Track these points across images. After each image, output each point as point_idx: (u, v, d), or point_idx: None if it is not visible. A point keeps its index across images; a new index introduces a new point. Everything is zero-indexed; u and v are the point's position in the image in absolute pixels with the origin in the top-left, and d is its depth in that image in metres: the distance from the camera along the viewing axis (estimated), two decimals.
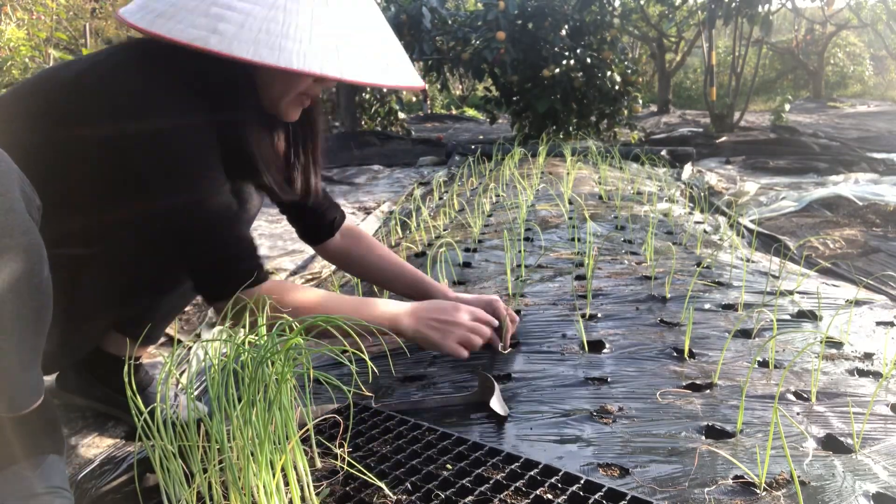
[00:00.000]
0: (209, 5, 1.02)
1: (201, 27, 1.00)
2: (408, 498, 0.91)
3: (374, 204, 4.63)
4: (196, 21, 1.01)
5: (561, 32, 6.48)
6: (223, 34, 1.00)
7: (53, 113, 1.05)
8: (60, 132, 1.04)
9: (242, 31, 1.00)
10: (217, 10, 1.01)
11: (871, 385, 1.25)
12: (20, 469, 0.91)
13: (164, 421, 0.88)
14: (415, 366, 1.43)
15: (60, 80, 1.08)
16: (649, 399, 1.20)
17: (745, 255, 2.38)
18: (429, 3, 6.81)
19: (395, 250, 2.58)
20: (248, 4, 1.02)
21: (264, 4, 1.03)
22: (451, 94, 15.52)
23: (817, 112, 12.24)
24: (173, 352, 0.94)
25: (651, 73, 15.80)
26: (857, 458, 0.99)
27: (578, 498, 0.89)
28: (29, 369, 0.88)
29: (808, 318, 1.62)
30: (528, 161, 4.96)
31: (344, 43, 1.07)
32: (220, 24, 1.00)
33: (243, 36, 1.00)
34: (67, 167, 1.05)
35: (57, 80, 1.08)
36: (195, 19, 1.01)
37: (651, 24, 11.21)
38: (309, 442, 1.03)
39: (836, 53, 17.42)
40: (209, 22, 1.00)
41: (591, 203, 3.31)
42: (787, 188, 4.89)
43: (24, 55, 4.80)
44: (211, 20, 1.00)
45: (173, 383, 1.50)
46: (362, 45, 1.10)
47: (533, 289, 1.90)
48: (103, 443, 1.35)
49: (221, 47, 0.99)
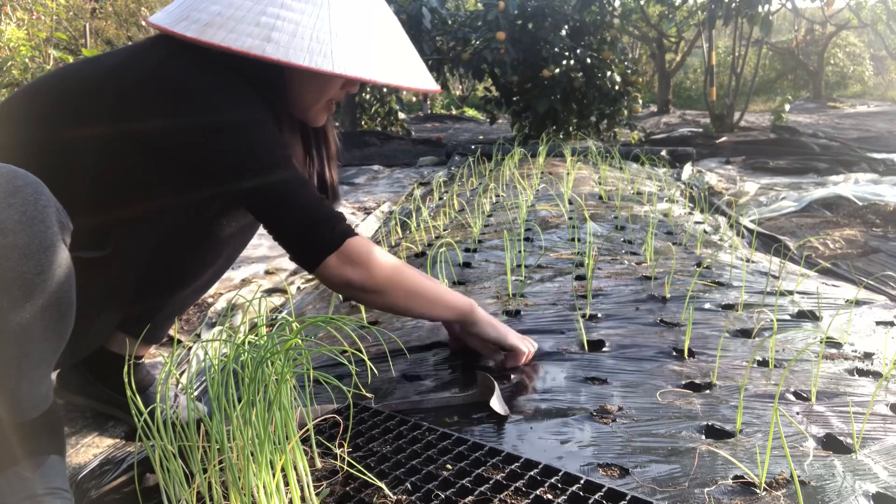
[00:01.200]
0: (258, 15, 1.05)
1: (255, 36, 1.04)
2: (408, 498, 0.91)
3: (374, 204, 4.63)
4: (248, 30, 1.04)
5: (561, 33, 6.48)
6: (278, 43, 1.04)
7: (79, 112, 1.06)
8: (90, 130, 1.05)
9: (294, 39, 1.05)
10: (266, 19, 1.05)
11: (871, 385, 1.25)
12: (21, 470, 0.91)
13: (165, 421, 0.88)
14: (414, 366, 1.43)
15: (83, 79, 1.09)
16: (649, 399, 1.20)
17: (744, 256, 2.38)
18: (429, 3, 6.80)
19: (395, 250, 2.58)
20: (296, 14, 1.06)
21: (311, 14, 1.07)
22: (451, 94, 15.53)
23: (817, 112, 12.24)
24: (173, 352, 0.94)
25: (651, 73, 15.81)
26: (857, 457, 0.99)
27: (578, 498, 0.89)
28: (42, 381, 0.93)
29: (808, 318, 1.62)
30: (528, 161, 4.96)
31: (384, 48, 1.14)
32: (273, 32, 1.05)
33: (296, 44, 1.05)
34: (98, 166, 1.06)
35: (76, 78, 1.09)
36: (246, 28, 1.04)
37: (651, 25, 11.21)
38: (309, 442, 1.03)
39: (836, 53, 17.42)
40: (261, 31, 1.05)
41: (591, 203, 3.31)
42: (787, 188, 4.89)
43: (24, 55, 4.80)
44: (263, 29, 1.05)
45: (173, 383, 1.50)
46: (397, 51, 1.17)
47: (533, 289, 1.90)
48: (103, 443, 1.35)
49: (279, 55, 1.03)
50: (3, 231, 0.83)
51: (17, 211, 0.84)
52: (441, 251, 2.30)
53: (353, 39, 1.10)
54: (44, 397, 0.94)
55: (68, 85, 1.09)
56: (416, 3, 6.75)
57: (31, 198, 0.86)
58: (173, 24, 1.08)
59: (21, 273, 0.84)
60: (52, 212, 0.88)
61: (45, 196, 0.88)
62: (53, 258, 0.87)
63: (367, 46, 1.11)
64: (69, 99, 1.07)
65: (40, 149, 1.06)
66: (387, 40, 1.16)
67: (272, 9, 1.06)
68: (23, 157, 1.04)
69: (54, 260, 0.87)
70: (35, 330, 0.87)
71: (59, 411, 1.00)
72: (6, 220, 0.83)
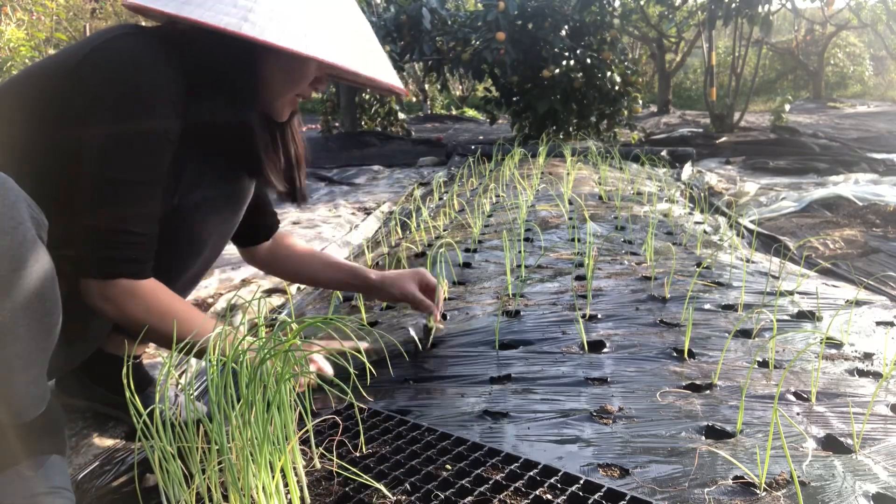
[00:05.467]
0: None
1: (233, 15, 1.05)
2: (407, 498, 0.91)
3: (374, 204, 4.63)
4: (225, 9, 1.05)
5: (561, 33, 6.48)
6: (254, 23, 1.05)
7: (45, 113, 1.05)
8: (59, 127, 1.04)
9: (271, 22, 1.06)
10: (244, 1, 1.06)
11: (871, 385, 1.25)
12: (22, 469, 0.91)
13: (164, 422, 0.88)
14: (413, 368, 1.43)
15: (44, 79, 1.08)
16: (649, 399, 1.20)
17: (744, 256, 2.38)
18: (429, 3, 6.80)
19: (395, 250, 2.58)
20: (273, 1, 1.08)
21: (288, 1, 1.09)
22: (451, 94, 15.52)
23: (817, 112, 12.24)
24: (172, 352, 0.94)
25: (651, 73, 15.81)
26: (857, 458, 0.99)
27: (578, 498, 0.89)
28: (36, 382, 0.92)
29: (808, 318, 1.62)
30: (528, 161, 4.96)
31: (357, 42, 1.16)
32: (250, 14, 1.06)
33: (272, 26, 1.05)
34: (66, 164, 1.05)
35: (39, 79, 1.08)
36: (224, 7, 1.06)
37: (651, 25, 11.21)
38: (308, 443, 1.03)
39: (836, 54, 17.42)
40: (239, 11, 1.06)
41: (590, 203, 3.31)
42: (787, 188, 4.89)
43: (24, 55, 4.81)
44: (240, 10, 1.06)
45: (173, 384, 1.50)
46: (369, 46, 1.19)
47: (533, 289, 1.90)
48: (103, 443, 1.35)
49: (254, 33, 1.03)
50: None
51: None
52: (441, 251, 2.30)
53: (329, 28, 1.12)
54: (41, 398, 0.94)
55: (33, 86, 1.08)
56: (416, 4, 6.75)
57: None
58: (152, 1, 1.08)
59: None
60: (24, 207, 0.86)
61: (13, 191, 0.85)
62: (29, 254, 0.85)
63: (341, 36, 1.13)
64: (36, 101, 1.06)
65: (18, 153, 1.05)
66: (360, 34, 1.19)
67: None
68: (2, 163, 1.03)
69: (30, 255, 0.85)
70: (19, 328, 0.85)
71: (59, 412, 0.99)
72: None
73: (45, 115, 1.05)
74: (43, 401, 0.94)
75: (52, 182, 1.05)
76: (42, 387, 0.94)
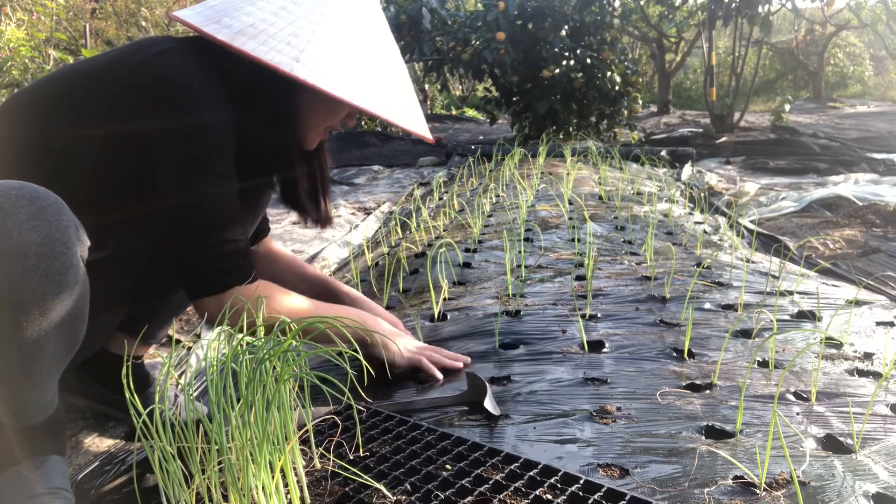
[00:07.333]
0: (289, 35, 1.09)
1: (285, 54, 1.07)
2: (407, 498, 0.91)
3: (374, 204, 4.63)
4: (278, 46, 1.07)
5: (561, 33, 6.49)
6: (305, 64, 1.07)
7: (75, 112, 1.06)
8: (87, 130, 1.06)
9: (322, 66, 1.08)
10: (297, 41, 1.08)
11: (871, 385, 1.25)
12: (22, 470, 0.92)
13: (164, 422, 0.88)
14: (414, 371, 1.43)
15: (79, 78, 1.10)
16: (649, 399, 1.20)
17: (744, 256, 2.38)
18: (429, 3, 6.80)
19: (395, 250, 2.58)
20: (323, 46, 1.10)
21: (336, 44, 1.12)
22: (451, 94, 15.52)
23: (817, 112, 12.24)
24: (172, 352, 0.94)
25: (651, 73, 15.81)
26: (857, 458, 0.99)
27: (578, 498, 0.89)
28: (49, 389, 0.94)
29: (808, 318, 1.62)
30: (528, 161, 4.96)
31: (398, 90, 1.20)
32: (303, 55, 1.08)
33: (323, 71, 1.08)
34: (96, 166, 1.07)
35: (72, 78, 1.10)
36: (277, 45, 1.07)
37: (651, 25, 11.21)
38: (308, 443, 1.03)
39: (836, 54, 17.42)
40: (292, 51, 1.08)
41: (590, 203, 3.31)
42: (787, 188, 4.89)
43: (24, 56, 4.80)
44: (293, 49, 1.08)
45: (172, 384, 1.50)
46: (407, 95, 1.23)
47: (533, 289, 1.90)
48: (103, 443, 1.35)
49: (305, 76, 1.06)
50: (26, 254, 0.84)
51: (40, 234, 0.85)
52: (441, 251, 2.30)
53: (373, 77, 1.15)
54: (49, 404, 0.95)
55: (65, 85, 1.09)
56: (416, 4, 6.76)
57: (53, 219, 0.87)
58: (203, 23, 1.09)
59: (41, 294, 0.85)
60: (73, 232, 0.89)
61: (66, 216, 0.89)
62: (72, 278, 0.88)
63: (384, 85, 1.17)
64: (66, 100, 1.07)
65: (39, 151, 1.06)
66: (399, 81, 1.22)
67: (304, 34, 1.09)
68: (22, 160, 1.05)
69: (73, 280, 0.88)
70: (49, 345, 0.88)
71: (61, 413, 1.00)
72: (29, 242, 0.84)
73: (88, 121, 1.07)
74: (51, 406, 0.96)
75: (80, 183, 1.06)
76: (52, 393, 0.96)
